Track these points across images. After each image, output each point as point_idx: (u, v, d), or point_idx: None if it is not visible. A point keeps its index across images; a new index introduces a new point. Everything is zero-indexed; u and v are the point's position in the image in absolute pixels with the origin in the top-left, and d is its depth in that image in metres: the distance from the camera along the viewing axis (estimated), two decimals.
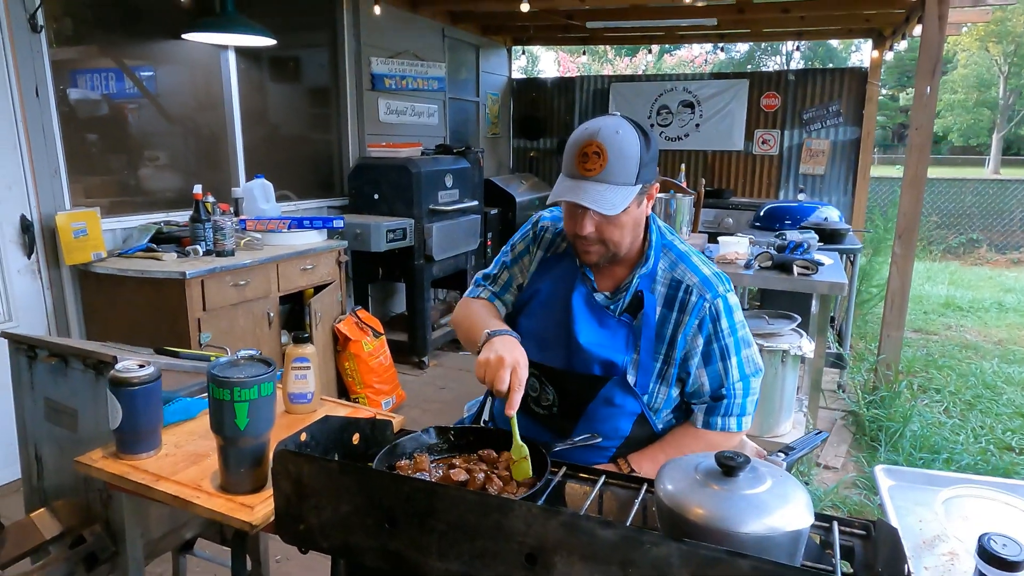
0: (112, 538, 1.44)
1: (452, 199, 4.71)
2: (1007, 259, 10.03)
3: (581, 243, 1.40)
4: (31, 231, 2.92)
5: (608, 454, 1.49)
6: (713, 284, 1.41)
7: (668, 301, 1.42)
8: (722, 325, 1.41)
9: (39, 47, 2.88)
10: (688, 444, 1.45)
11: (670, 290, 1.42)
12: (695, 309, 1.39)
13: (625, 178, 1.32)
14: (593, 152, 1.31)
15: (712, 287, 1.41)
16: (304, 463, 1.05)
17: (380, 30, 5.00)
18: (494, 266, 1.67)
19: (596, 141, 1.31)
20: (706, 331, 1.40)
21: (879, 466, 1.24)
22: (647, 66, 19.53)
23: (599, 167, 1.30)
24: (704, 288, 1.40)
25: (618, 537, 0.86)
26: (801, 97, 6.68)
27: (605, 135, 1.31)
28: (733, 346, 1.42)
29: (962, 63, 24.23)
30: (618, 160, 1.31)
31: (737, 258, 3.40)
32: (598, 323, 1.44)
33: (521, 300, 1.56)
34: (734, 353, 1.42)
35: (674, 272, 1.43)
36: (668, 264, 1.44)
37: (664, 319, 1.41)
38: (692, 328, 1.40)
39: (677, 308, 1.41)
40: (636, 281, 1.42)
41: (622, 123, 1.34)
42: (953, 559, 1.01)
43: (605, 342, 1.42)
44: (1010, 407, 4.02)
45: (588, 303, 1.46)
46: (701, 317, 1.39)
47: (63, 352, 1.46)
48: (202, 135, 4.01)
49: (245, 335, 3.12)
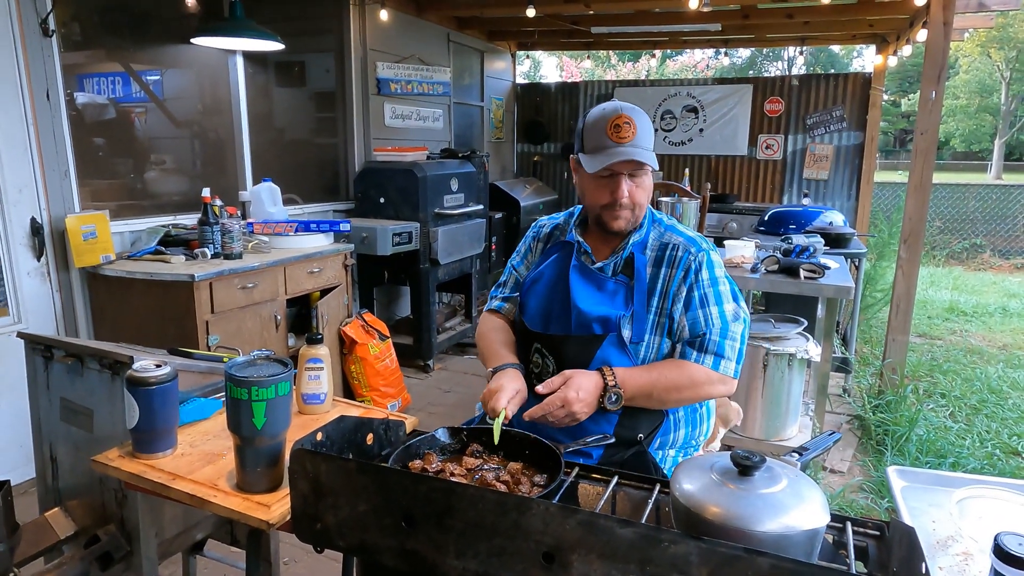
0: (126, 538, 1.45)
1: (457, 203, 4.72)
2: (1011, 264, 10.02)
3: (614, 211, 1.52)
4: (41, 234, 2.94)
5: (614, 419, 1.52)
6: (697, 242, 1.57)
7: (657, 261, 1.56)
8: (703, 275, 1.53)
9: (50, 52, 2.91)
10: (668, 368, 1.51)
11: (659, 252, 1.57)
12: (682, 262, 1.54)
13: (650, 144, 1.51)
14: (624, 123, 1.47)
15: (696, 243, 1.56)
16: (321, 462, 1.06)
17: (386, 35, 5.03)
18: (504, 274, 1.81)
19: (624, 114, 1.48)
20: (689, 280, 1.53)
21: (892, 467, 1.25)
22: (650, 71, 19.57)
23: (632, 134, 1.47)
24: (689, 244, 1.55)
25: (636, 536, 0.87)
26: (804, 102, 6.70)
27: (628, 109, 1.49)
28: (713, 294, 1.53)
29: (964, 69, 24.25)
30: (643, 129, 1.49)
31: (743, 262, 3.41)
32: (596, 287, 1.57)
33: (527, 282, 1.67)
34: (715, 302, 1.53)
35: (662, 238, 1.58)
36: (658, 234, 1.60)
37: (655, 276, 1.55)
38: (679, 278, 1.53)
39: (667, 264, 1.55)
40: (629, 245, 1.56)
41: (630, 104, 1.55)
42: (967, 559, 1.02)
43: (602, 301, 1.54)
44: (1016, 411, 4.02)
45: (584, 272, 1.59)
46: (687, 268, 1.53)
47: (80, 352, 1.47)
48: (210, 139, 4.03)
49: (252, 337, 3.13)
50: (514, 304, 1.74)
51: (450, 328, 5.02)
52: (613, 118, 1.47)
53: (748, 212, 6.02)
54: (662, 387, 1.48)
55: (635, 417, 1.53)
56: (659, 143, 7.18)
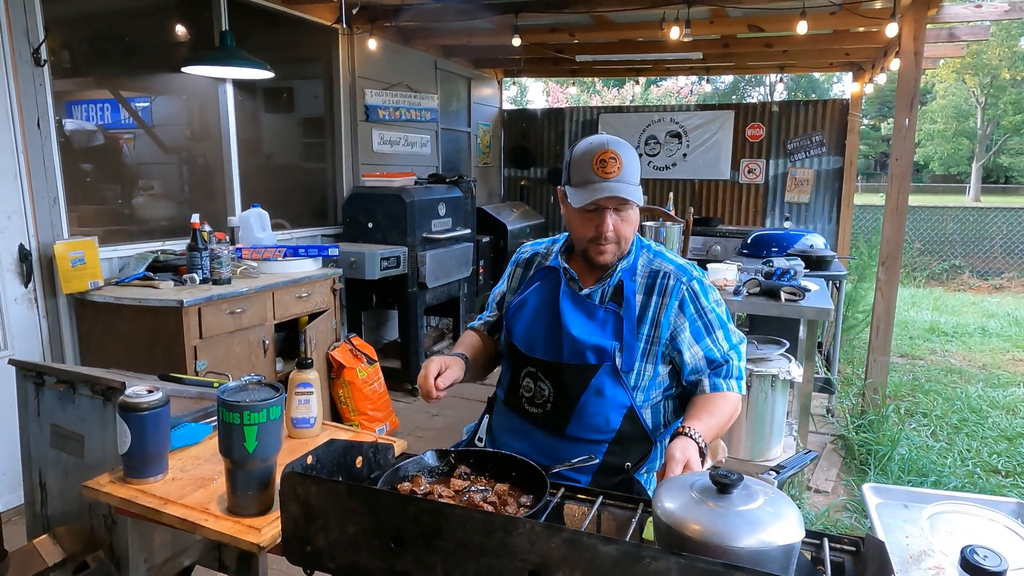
0: (116, 564, 1.46)
1: (445, 227, 4.77)
2: (989, 285, 10.20)
3: (599, 245, 1.54)
4: (29, 260, 2.94)
5: (602, 449, 1.55)
6: (687, 269, 1.59)
7: (648, 289, 1.57)
8: (702, 303, 1.56)
9: (42, 81, 2.94)
10: (713, 402, 1.52)
11: (649, 280, 1.57)
12: (674, 291, 1.55)
13: (636, 179, 1.52)
14: (610, 158, 1.48)
15: (686, 271, 1.58)
16: (312, 485, 1.08)
17: (374, 63, 5.11)
18: (488, 301, 1.86)
19: (610, 149, 1.49)
20: (688, 310, 1.54)
21: (867, 484, 1.29)
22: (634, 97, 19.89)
23: (618, 169, 1.48)
24: (680, 273, 1.57)
25: (619, 553, 0.89)
26: (785, 128, 6.85)
27: (614, 144, 1.51)
28: (716, 320, 1.57)
29: (941, 94, 24.87)
30: (630, 164, 1.50)
31: (726, 284, 3.47)
32: (587, 316, 1.57)
33: (512, 309, 1.68)
34: (719, 327, 1.57)
35: (651, 265, 1.60)
36: (647, 260, 1.61)
37: (646, 304, 1.56)
38: (674, 308, 1.54)
39: (657, 292, 1.56)
40: (618, 272, 1.57)
41: (617, 137, 1.55)
42: (939, 573, 1.06)
43: (595, 330, 1.55)
44: (995, 430, 4.09)
45: (575, 300, 1.59)
46: (681, 298, 1.54)
47: (71, 379, 1.48)
48: (198, 165, 4.06)
49: (241, 362, 3.14)
50: (485, 322, 1.79)
51: (438, 352, 5.04)
52: (599, 153, 1.48)
53: (731, 235, 6.13)
54: (724, 423, 1.51)
55: (625, 445, 1.55)
56: (644, 168, 7.27)
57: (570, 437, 1.55)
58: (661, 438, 1.60)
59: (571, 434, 1.55)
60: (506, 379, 1.69)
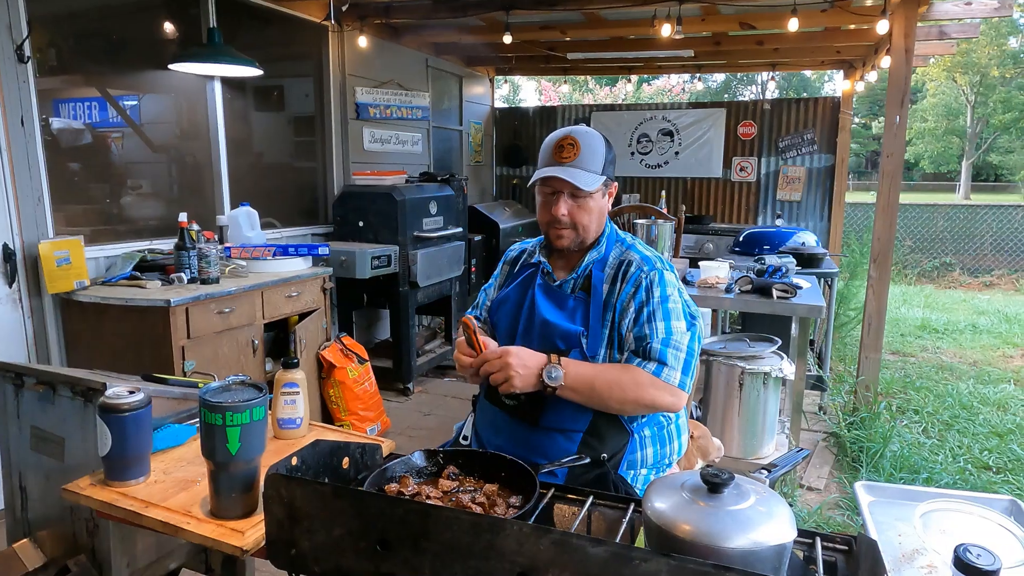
0: (97, 568, 1.43)
1: (436, 226, 4.74)
2: (979, 282, 10.26)
3: (555, 229, 1.59)
4: (13, 260, 2.90)
5: (576, 439, 1.54)
6: (652, 261, 1.59)
7: (613, 278, 1.60)
8: (654, 293, 1.54)
9: (25, 78, 2.90)
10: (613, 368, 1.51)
11: (617, 270, 1.60)
12: (632, 278, 1.56)
13: (594, 167, 1.54)
14: (568, 143, 1.54)
15: (650, 263, 1.58)
16: (296, 487, 1.06)
17: (365, 60, 5.08)
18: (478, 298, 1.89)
19: (571, 135, 1.55)
20: (639, 297, 1.55)
21: (859, 483, 1.28)
22: (627, 95, 19.90)
23: (574, 155, 1.53)
24: (643, 262, 1.58)
25: (608, 554, 0.88)
26: (777, 125, 6.86)
27: (578, 132, 1.56)
28: (662, 311, 1.53)
29: (931, 93, 25.00)
30: (588, 151, 1.54)
31: (718, 282, 3.46)
32: (557, 305, 1.61)
33: (495, 304, 1.75)
34: (662, 319, 1.53)
35: (621, 256, 1.63)
36: (618, 252, 1.64)
37: (610, 292, 1.59)
38: (628, 293, 1.56)
39: (620, 280, 1.58)
40: (587, 262, 1.62)
41: (590, 129, 1.61)
42: (932, 572, 1.04)
43: (565, 319, 1.59)
44: (986, 427, 4.10)
45: (546, 290, 1.65)
46: (637, 285, 1.55)
47: (51, 380, 1.45)
48: (187, 163, 4.02)
49: (230, 363, 3.11)
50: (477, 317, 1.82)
51: (430, 351, 5.01)
52: (560, 139, 1.55)
53: (724, 233, 6.13)
54: (603, 381, 1.46)
55: (600, 436, 1.53)
56: (635, 166, 7.29)
57: (544, 428, 1.56)
58: (639, 428, 1.58)
59: (545, 424, 1.56)
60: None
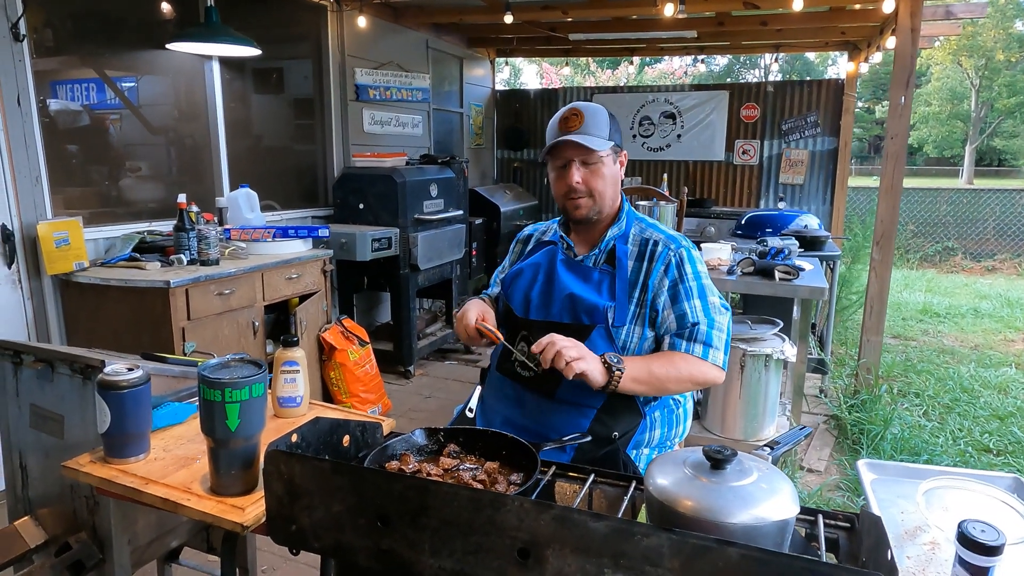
0: (98, 545, 1.43)
1: (437, 209, 4.72)
2: (981, 267, 10.23)
3: (572, 200, 1.61)
4: (12, 241, 2.89)
5: (590, 416, 1.55)
6: (676, 239, 1.64)
7: (639, 256, 1.62)
8: (686, 270, 1.59)
9: (21, 56, 2.87)
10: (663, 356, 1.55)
11: (640, 247, 1.63)
12: (661, 256, 1.60)
13: (601, 132, 1.58)
14: (572, 114, 1.58)
15: (676, 240, 1.63)
16: (296, 463, 1.05)
17: (364, 41, 5.02)
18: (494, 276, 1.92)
19: (576, 108, 1.59)
20: (672, 274, 1.59)
21: (861, 461, 1.27)
22: (628, 78, 19.74)
23: (579, 124, 1.57)
24: (669, 241, 1.62)
25: (609, 529, 0.87)
26: (780, 108, 6.80)
27: (582, 105, 1.61)
28: (697, 290, 1.59)
29: (936, 76, 24.79)
30: (593, 120, 1.58)
31: (720, 264, 3.44)
32: (582, 279, 1.63)
33: (509, 276, 1.75)
34: (698, 296, 1.59)
35: (643, 234, 1.66)
36: (639, 230, 1.67)
37: (636, 270, 1.61)
38: (659, 272, 1.59)
39: (647, 259, 1.61)
40: (610, 237, 1.64)
41: (592, 103, 1.65)
42: (934, 548, 1.04)
43: (590, 291, 1.60)
44: (987, 410, 4.10)
45: (569, 264, 1.66)
46: (667, 263, 1.59)
47: (49, 357, 1.44)
48: (186, 145, 4.00)
49: (230, 344, 3.10)
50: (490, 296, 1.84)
51: (431, 334, 5.01)
52: (564, 112, 1.59)
53: (726, 216, 6.10)
54: (658, 365, 1.52)
55: (613, 414, 1.54)
56: (638, 149, 7.24)
57: (560, 400, 1.56)
58: (650, 410, 1.59)
59: (561, 397, 1.56)
60: (499, 347, 1.68)
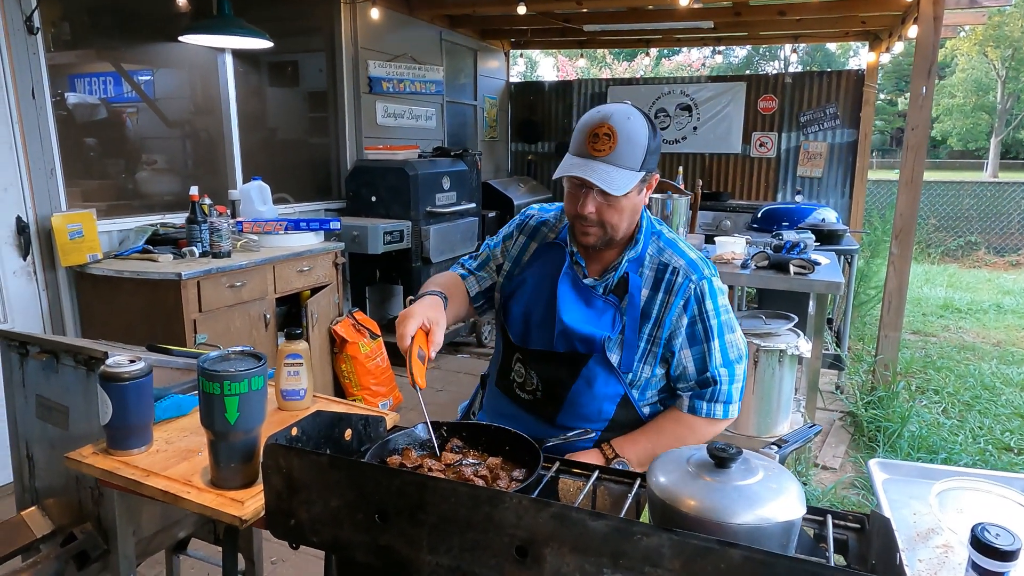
0: (103, 536, 1.44)
1: (450, 201, 4.71)
2: (1005, 261, 10.03)
3: (580, 224, 1.41)
4: (27, 233, 2.92)
5: (593, 438, 1.48)
6: (699, 267, 1.44)
7: (655, 284, 1.44)
8: (707, 306, 1.42)
9: (35, 49, 2.89)
10: (671, 429, 1.46)
11: (657, 273, 1.44)
12: (681, 289, 1.41)
13: (631, 163, 1.34)
14: (604, 134, 1.32)
15: (698, 269, 1.44)
16: (295, 457, 1.04)
17: (378, 34, 5.01)
18: (481, 250, 1.71)
19: (608, 123, 1.33)
20: (691, 311, 1.42)
21: (873, 460, 1.24)
22: (645, 70, 19.56)
23: (609, 148, 1.32)
24: (690, 270, 1.43)
25: (609, 528, 0.85)
26: (798, 100, 6.69)
27: (617, 119, 1.33)
28: (716, 328, 1.43)
29: (960, 67, 24.30)
30: (627, 144, 1.33)
31: (734, 258, 3.39)
32: (584, 304, 1.46)
33: (511, 287, 1.57)
34: (717, 336, 1.43)
35: (661, 256, 1.46)
36: (656, 250, 1.47)
37: (651, 300, 1.43)
38: (678, 308, 1.42)
39: (664, 289, 1.43)
40: (624, 263, 1.45)
41: (633, 111, 1.37)
42: (947, 551, 1.01)
43: (589, 320, 1.44)
44: (1008, 407, 4.02)
45: (575, 285, 1.48)
46: (687, 297, 1.41)
47: (54, 348, 1.45)
48: (199, 138, 4.01)
49: (241, 336, 3.12)
50: (478, 280, 1.66)
51: None
52: (596, 126, 1.33)
53: (742, 210, 6.03)
54: (667, 442, 1.41)
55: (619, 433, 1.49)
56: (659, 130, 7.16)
57: (561, 426, 1.48)
58: None
59: (562, 423, 1.48)
60: (498, 358, 1.62)
